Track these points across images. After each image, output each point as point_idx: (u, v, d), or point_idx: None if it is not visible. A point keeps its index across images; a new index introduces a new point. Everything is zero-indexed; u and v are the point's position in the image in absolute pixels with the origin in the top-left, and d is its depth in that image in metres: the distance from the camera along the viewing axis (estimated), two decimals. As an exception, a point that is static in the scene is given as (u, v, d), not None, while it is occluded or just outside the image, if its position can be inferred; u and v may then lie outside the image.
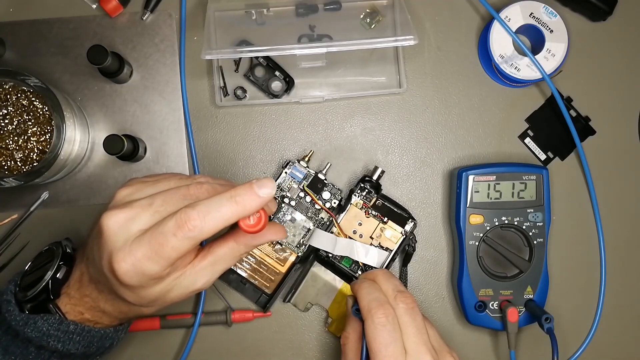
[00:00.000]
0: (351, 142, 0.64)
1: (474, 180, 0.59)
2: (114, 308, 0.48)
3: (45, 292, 0.48)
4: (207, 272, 0.46)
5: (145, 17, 0.62)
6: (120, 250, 0.42)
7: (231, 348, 0.62)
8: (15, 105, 0.56)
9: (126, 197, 0.45)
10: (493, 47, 0.61)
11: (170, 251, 0.41)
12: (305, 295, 0.61)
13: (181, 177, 0.48)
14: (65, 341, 0.47)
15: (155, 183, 0.47)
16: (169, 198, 0.44)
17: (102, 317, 0.49)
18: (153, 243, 0.41)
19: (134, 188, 0.46)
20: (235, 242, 0.46)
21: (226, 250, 0.46)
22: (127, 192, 0.46)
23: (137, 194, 0.45)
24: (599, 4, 0.62)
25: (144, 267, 0.42)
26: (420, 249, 0.63)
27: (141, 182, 0.47)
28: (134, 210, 0.43)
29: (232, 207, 0.41)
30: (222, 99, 0.63)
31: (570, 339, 0.62)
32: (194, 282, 0.45)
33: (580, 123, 0.64)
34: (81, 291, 0.48)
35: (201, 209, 0.41)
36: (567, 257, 0.63)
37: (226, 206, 0.41)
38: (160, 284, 0.44)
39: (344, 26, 0.63)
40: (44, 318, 0.47)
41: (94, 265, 0.46)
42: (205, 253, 0.46)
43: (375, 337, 0.47)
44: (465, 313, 0.60)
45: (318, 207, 0.60)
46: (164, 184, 0.46)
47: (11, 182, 0.54)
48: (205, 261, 0.45)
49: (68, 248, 0.51)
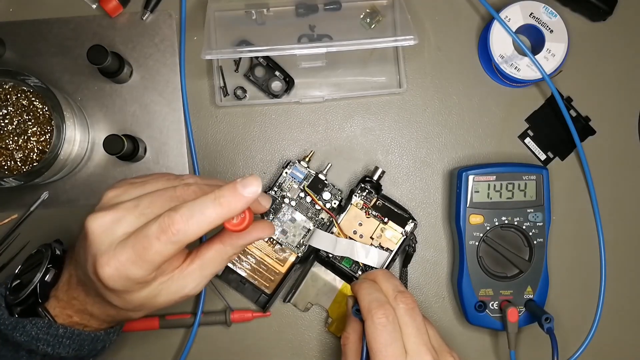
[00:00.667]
0: (351, 142, 0.64)
1: (474, 180, 0.59)
2: (101, 311, 0.47)
3: (34, 295, 0.48)
4: (195, 277, 0.44)
5: (145, 17, 0.62)
6: (105, 253, 0.41)
7: (231, 348, 0.62)
8: (15, 105, 0.56)
9: (113, 199, 0.44)
10: (493, 47, 0.61)
11: (154, 255, 0.40)
12: (305, 295, 0.61)
13: (169, 178, 0.47)
14: (54, 345, 0.47)
15: (143, 184, 0.46)
16: (156, 200, 0.43)
17: (90, 320, 0.48)
18: (137, 247, 0.40)
19: (122, 189, 0.45)
20: (221, 243, 0.45)
21: (213, 252, 0.45)
22: (114, 194, 0.45)
23: (123, 196, 0.44)
24: (599, 4, 0.62)
25: (128, 272, 0.41)
26: (421, 249, 0.63)
27: (129, 184, 0.46)
28: (119, 212, 0.42)
29: (217, 209, 0.40)
30: (222, 99, 0.63)
31: (570, 339, 0.62)
32: (183, 287, 0.44)
33: (580, 123, 0.64)
34: (69, 294, 0.48)
35: (184, 212, 0.40)
36: (567, 257, 0.63)
37: (210, 208, 0.40)
38: (147, 289, 0.43)
39: (344, 26, 0.63)
40: (32, 322, 0.47)
41: (81, 268, 0.45)
42: (193, 257, 0.45)
43: (375, 338, 0.47)
44: (465, 313, 0.60)
45: (318, 208, 0.60)
46: (152, 185, 0.45)
47: (11, 182, 0.54)
48: (194, 265, 0.44)
49: (57, 250, 0.51)
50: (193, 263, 0.44)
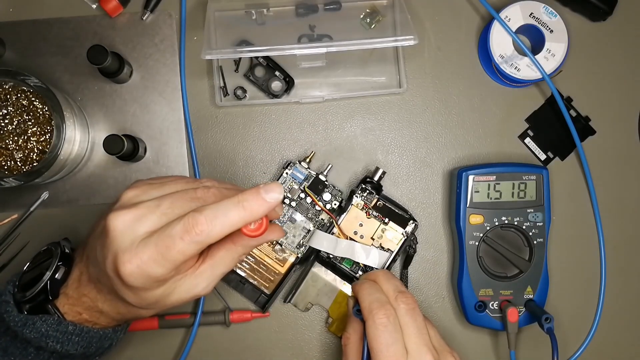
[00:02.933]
0: (351, 142, 0.64)
1: (474, 180, 0.59)
2: (112, 309, 0.48)
3: (43, 293, 0.48)
4: (207, 276, 0.45)
5: (145, 17, 0.62)
6: (127, 251, 0.42)
7: (231, 348, 0.62)
8: (15, 105, 0.56)
9: (133, 199, 0.45)
10: (493, 47, 0.61)
11: (176, 254, 0.41)
12: (306, 296, 0.61)
13: (188, 181, 0.48)
14: (64, 342, 0.47)
15: (162, 185, 0.46)
16: (177, 201, 0.44)
17: (99, 318, 0.49)
18: (160, 246, 0.41)
19: (141, 190, 0.46)
20: (233, 243, 0.46)
21: (224, 252, 0.46)
22: (134, 194, 0.45)
23: (143, 196, 0.45)
24: (599, 4, 0.62)
25: (149, 270, 0.42)
26: (421, 249, 0.63)
27: (148, 184, 0.46)
28: (141, 211, 0.43)
29: (240, 213, 0.41)
30: (222, 99, 0.63)
31: (570, 339, 0.62)
32: (195, 285, 0.45)
33: (580, 123, 0.64)
34: (79, 291, 0.48)
35: (208, 214, 0.41)
36: (567, 257, 0.63)
37: (233, 211, 0.41)
38: (162, 287, 0.44)
39: (344, 26, 0.63)
40: (42, 319, 0.47)
41: (96, 265, 0.46)
42: (205, 256, 0.46)
43: (376, 338, 0.47)
44: (465, 313, 0.60)
45: (318, 209, 0.60)
46: (171, 187, 0.46)
47: (11, 182, 0.54)
48: (205, 264, 0.45)
49: (66, 248, 0.51)
50: (205, 262, 0.45)
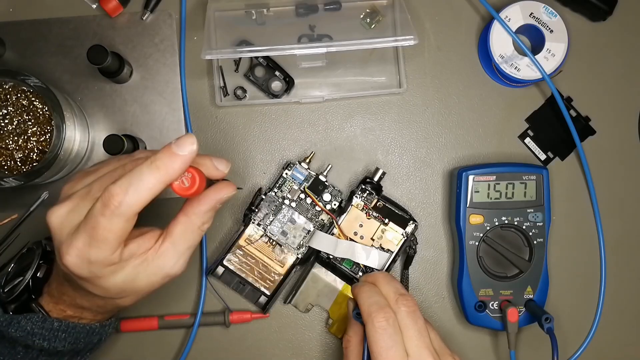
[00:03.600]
0: (351, 142, 0.63)
1: (474, 180, 0.59)
2: (90, 303, 0.48)
3: (27, 292, 0.49)
4: (171, 255, 0.44)
5: (145, 17, 0.62)
6: (64, 243, 0.42)
7: (231, 349, 0.62)
8: (15, 105, 0.56)
9: (68, 191, 0.45)
10: (493, 47, 0.61)
11: (104, 232, 0.40)
12: (306, 297, 0.61)
13: (120, 158, 0.47)
14: (50, 339, 0.47)
15: (96, 170, 0.46)
16: (105, 181, 0.43)
17: (83, 313, 0.49)
18: (88, 229, 0.41)
19: (76, 180, 0.45)
20: (185, 215, 0.44)
21: (181, 227, 0.44)
22: (69, 186, 0.45)
23: (77, 185, 0.45)
24: (599, 4, 0.62)
25: (89, 255, 0.41)
26: (421, 249, 0.63)
27: (84, 173, 0.46)
28: (74, 201, 0.43)
29: (154, 174, 0.40)
30: (222, 99, 0.63)
31: (570, 339, 0.62)
32: (161, 267, 0.44)
33: (580, 123, 0.64)
34: (59, 289, 0.48)
35: (122, 183, 0.40)
36: (567, 257, 0.63)
37: (147, 174, 0.40)
38: (120, 273, 0.43)
39: (344, 26, 0.63)
40: (27, 317, 0.47)
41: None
42: (165, 235, 0.45)
43: (376, 341, 0.47)
44: (465, 313, 0.60)
45: (318, 209, 0.60)
46: (104, 169, 0.45)
47: (11, 182, 0.54)
48: (166, 243, 0.44)
49: (48, 247, 0.52)
50: (165, 241, 0.44)
